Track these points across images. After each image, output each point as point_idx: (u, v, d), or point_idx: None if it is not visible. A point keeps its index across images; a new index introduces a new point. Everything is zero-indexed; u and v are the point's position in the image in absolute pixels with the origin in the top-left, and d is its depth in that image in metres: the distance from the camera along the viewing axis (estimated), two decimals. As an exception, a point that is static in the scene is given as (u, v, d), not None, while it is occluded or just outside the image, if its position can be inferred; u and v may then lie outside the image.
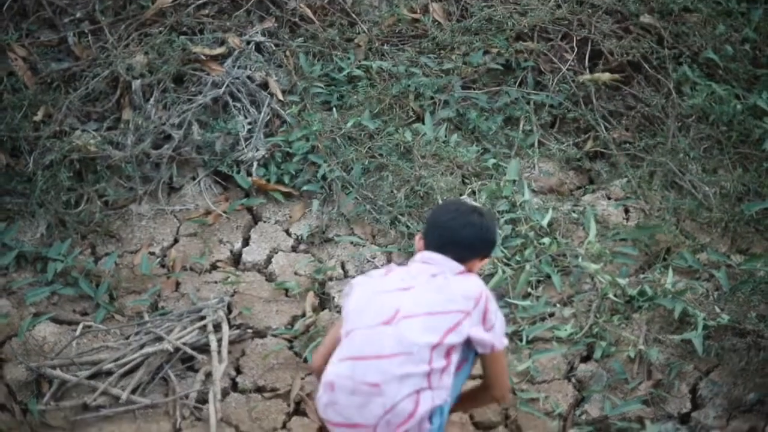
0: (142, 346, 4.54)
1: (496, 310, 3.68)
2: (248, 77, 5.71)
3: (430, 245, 3.76)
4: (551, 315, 4.72)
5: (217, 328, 4.66)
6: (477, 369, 3.81)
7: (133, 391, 4.38)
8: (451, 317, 3.56)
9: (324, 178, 5.37)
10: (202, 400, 4.38)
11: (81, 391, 4.38)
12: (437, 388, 3.54)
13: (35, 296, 4.84)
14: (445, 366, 3.55)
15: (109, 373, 4.45)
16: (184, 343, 4.55)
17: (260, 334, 4.73)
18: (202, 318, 4.70)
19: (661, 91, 5.75)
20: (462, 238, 3.72)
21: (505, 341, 3.72)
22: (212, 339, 4.58)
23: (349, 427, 3.58)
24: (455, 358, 3.59)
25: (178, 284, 5.00)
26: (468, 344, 3.62)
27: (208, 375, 4.48)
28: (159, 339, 4.56)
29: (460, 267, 3.70)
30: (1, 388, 4.42)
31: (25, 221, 5.16)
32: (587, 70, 5.84)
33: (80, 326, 4.67)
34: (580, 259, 4.91)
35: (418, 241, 3.83)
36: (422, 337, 3.52)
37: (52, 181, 5.17)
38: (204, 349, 4.58)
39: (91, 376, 4.44)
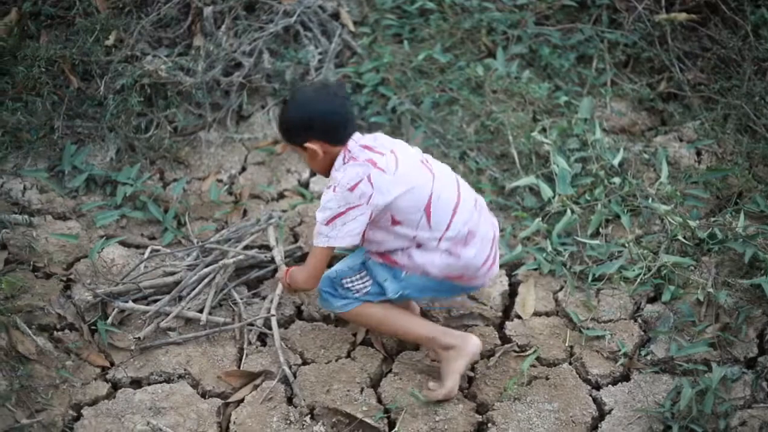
0: (207, 266, 4.57)
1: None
2: (320, 7, 5.70)
3: (340, 137, 4.01)
4: (619, 255, 4.68)
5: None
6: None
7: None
8: None
9: (393, 110, 5.35)
10: (268, 326, 4.40)
11: (147, 314, 4.41)
12: None
13: (104, 219, 4.87)
14: None
15: (177, 297, 4.48)
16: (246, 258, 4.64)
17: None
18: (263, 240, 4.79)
19: (738, 33, 5.63)
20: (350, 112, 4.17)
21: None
22: (279, 249, 4.66)
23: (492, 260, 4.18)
24: None
25: (245, 212, 5.02)
26: None
27: (279, 303, 4.51)
28: (224, 257, 4.59)
29: None
30: (69, 308, 4.46)
31: (95, 145, 5.19)
32: (663, 9, 5.75)
33: (148, 250, 4.70)
34: (650, 200, 4.86)
35: (315, 147, 3.99)
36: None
37: (123, 105, 5.18)
38: (264, 266, 4.69)
39: (158, 299, 4.47)
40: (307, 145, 3.98)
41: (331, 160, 4.01)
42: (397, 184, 3.94)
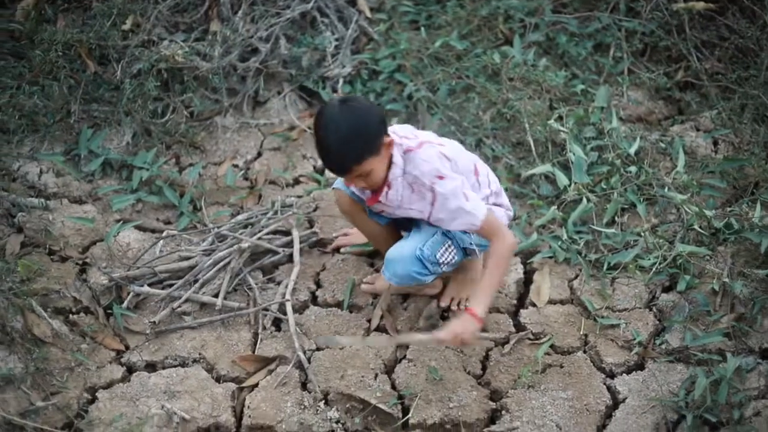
0: (222, 251, 4.58)
1: None
2: (337, -7, 5.69)
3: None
4: (635, 244, 4.67)
5: (289, 233, 4.77)
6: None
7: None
8: None
9: (410, 97, 5.35)
10: (283, 312, 4.41)
11: (162, 298, 4.42)
12: None
13: (120, 203, 4.88)
14: None
15: (192, 281, 4.49)
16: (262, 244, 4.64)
17: (340, 249, 4.74)
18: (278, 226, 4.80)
19: (756, 23, 5.60)
20: None
21: None
22: (295, 235, 4.69)
23: None
24: None
25: (260, 197, 5.02)
26: None
27: (293, 289, 4.52)
28: (239, 243, 4.60)
29: None
30: (85, 292, 4.48)
31: (111, 129, 5.20)
32: (681, -2, 5.73)
33: (164, 234, 4.71)
34: (666, 189, 4.85)
35: (390, 140, 3.88)
36: None
37: (139, 90, 5.19)
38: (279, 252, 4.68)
39: (173, 284, 4.48)
40: (387, 139, 3.85)
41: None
42: (452, 151, 4.03)
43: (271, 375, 4.17)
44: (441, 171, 3.88)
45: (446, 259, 4.09)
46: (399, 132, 4.00)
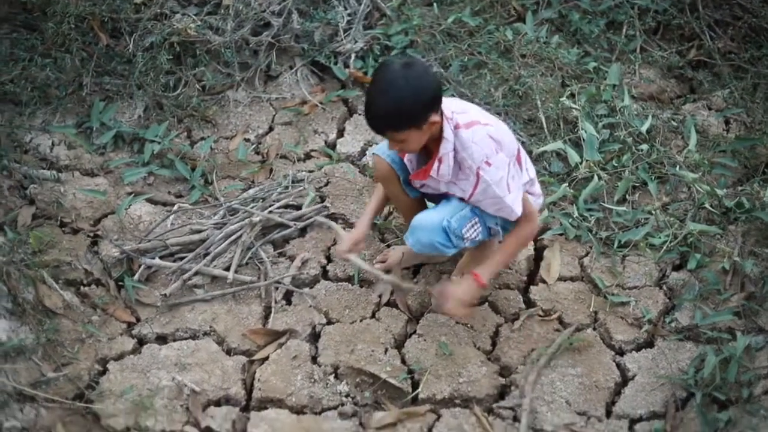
0: (233, 225, 4.59)
1: None
2: (350, -32, 5.67)
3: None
4: (645, 222, 4.67)
5: (299, 208, 4.79)
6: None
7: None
8: None
9: (422, 73, 5.33)
10: (294, 285, 4.42)
11: (174, 271, 4.43)
12: None
13: (132, 176, 4.89)
14: None
15: (203, 254, 4.50)
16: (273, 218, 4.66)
17: (352, 224, 4.74)
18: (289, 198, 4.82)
19: (770, 2, 5.60)
20: None
21: None
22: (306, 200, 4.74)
23: None
24: None
25: (272, 171, 5.03)
26: None
27: (304, 263, 4.52)
28: (250, 216, 4.61)
29: None
30: (96, 264, 4.49)
31: (123, 102, 5.21)
32: (695, -24, 5.71)
33: (175, 207, 4.72)
34: (677, 168, 4.85)
35: (437, 118, 3.79)
36: None
37: (152, 63, 5.20)
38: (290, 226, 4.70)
39: (184, 257, 4.49)
40: (433, 119, 3.77)
41: (435, 132, 3.87)
42: (499, 132, 3.96)
43: (281, 348, 4.18)
44: (490, 157, 3.85)
45: (471, 235, 4.08)
46: (449, 106, 3.90)
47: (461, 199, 4.03)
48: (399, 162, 4.15)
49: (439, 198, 4.15)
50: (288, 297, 4.42)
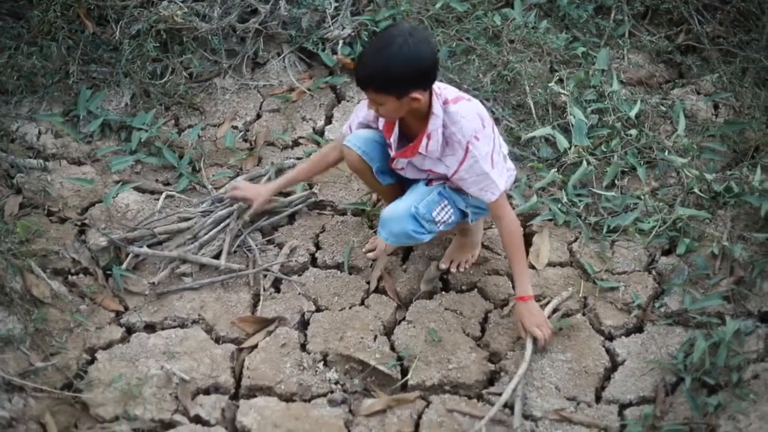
0: (221, 211, 4.59)
1: None
2: (337, -47, 5.64)
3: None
4: (634, 207, 4.66)
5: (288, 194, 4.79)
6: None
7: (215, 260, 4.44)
8: None
9: (410, 59, 5.31)
10: (283, 273, 4.42)
11: (162, 259, 4.42)
12: None
13: (119, 164, 4.87)
14: None
15: (191, 240, 4.49)
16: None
17: (340, 211, 4.74)
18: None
19: (758, -14, 5.59)
20: None
21: None
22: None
23: None
24: None
25: (260, 159, 5.01)
26: None
27: (292, 250, 4.51)
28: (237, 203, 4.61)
29: None
30: (84, 253, 4.48)
31: (110, 90, 5.19)
32: (683, -40, 5.69)
33: (162, 195, 4.71)
34: (666, 153, 4.84)
35: (420, 96, 3.77)
36: None
37: (138, 50, 5.18)
38: (278, 213, 4.73)
39: (172, 245, 4.48)
40: (415, 95, 3.77)
41: (420, 106, 3.85)
42: (480, 107, 3.98)
43: (270, 336, 4.17)
44: (478, 132, 3.88)
45: (442, 217, 4.08)
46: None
47: (428, 183, 4.08)
48: (369, 152, 4.17)
49: (415, 182, 4.15)
50: (277, 285, 4.41)
